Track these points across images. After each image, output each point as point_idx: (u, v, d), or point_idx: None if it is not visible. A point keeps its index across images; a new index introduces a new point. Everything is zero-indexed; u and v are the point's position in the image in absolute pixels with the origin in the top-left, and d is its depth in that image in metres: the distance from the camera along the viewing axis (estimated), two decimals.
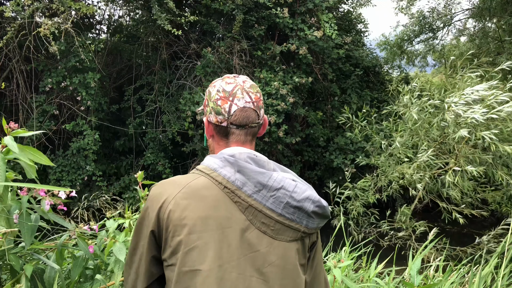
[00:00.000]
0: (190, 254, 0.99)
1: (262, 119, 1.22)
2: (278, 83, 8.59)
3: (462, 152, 5.02)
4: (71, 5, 7.43)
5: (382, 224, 6.09)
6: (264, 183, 1.04)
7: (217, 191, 1.05)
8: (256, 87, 1.21)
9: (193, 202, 1.03)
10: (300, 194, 1.06)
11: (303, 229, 1.07)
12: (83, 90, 8.39)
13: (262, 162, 1.12)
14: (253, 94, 1.18)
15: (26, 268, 1.54)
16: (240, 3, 8.47)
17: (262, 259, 1.01)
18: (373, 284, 2.75)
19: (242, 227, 1.02)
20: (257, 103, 1.18)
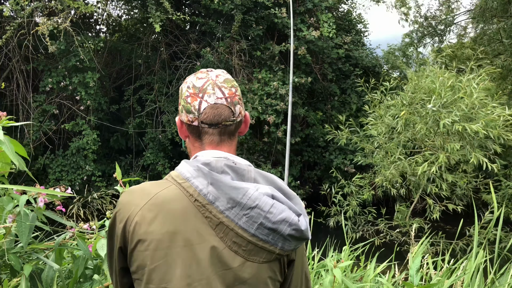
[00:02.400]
0: (156, 271, 0.94)
1: (240, 115, 1.10)
2: (277, 83, 8.60)
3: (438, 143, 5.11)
4: (70, 4, 7.44)
5: (380, 222, 6.12)
6: (237, 200, 0.95)
7: (188, 204, 0.97)
8: (231, 82, 1.09)
9: (160, 215, 0.96)
10: (276, 215, 0.95)
11: (278, 251, 0.98)
12: (83, 89, 8.40)
13: (241, 171, 1.02)
14: (227, 89, 1.07)
15: (25, 268, 1.55)
16: (239, 3, 8.47)
17: (233, 277, 0.95)
18: (373, 284, 2.75)
19: (213, 244, 0.94)
20: (231, 98, 1.07)
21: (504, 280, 2.51)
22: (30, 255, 1.73)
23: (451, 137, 5.08)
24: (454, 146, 4.74)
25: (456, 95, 4.89)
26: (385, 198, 8.50)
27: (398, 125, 5.34)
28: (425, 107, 4.95)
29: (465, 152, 4.91)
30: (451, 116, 4.66)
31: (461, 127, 4.55)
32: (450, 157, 4.87)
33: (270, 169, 8.84)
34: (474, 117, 4.92)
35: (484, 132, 4.56)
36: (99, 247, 1.59)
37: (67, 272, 1.89)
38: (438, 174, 5.06)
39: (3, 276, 1.73)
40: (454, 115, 4.66)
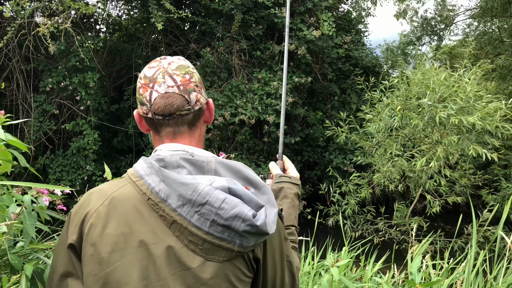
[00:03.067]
0: (113, 275, 0.89)
1: (198, 103, 1.02)
2: (277, 83, 8.60)
3: (436, 138, 5.12)
4: (71, 4, 7.44)
5: (379, 221, 6.14)
6: (187, 197, 0.88)
7: (142, 203, 0.92)
8: (184, 68, 1.02)
9: (115, 216, 0.92)
10: (227, 211, 0.87)
11: (237, 249, 0.90)
12: (83, 89, 8.40)
13: (200, 163, 0.95)
14: (179, 76, 1.00)
15: (26, 268, 1.55)
16: (239, 3, 8.48)
17: (193, 278, 0.89)
18: (372, 284, 2.76)
19: (169, 244, 0.89)
20: (184, 86, 1.00)
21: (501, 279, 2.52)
22: (30, 255, 1.73)
23: (449, 131, 5.09)
24: (451, 139, 4.74)
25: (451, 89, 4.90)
26: (385, 198, 8.51)
27: (395, 122, 5.34)
28: (421, 102, 4.96)
29: (463, 145, 4.91)
30: (447, 110, 4.66)
31: (457, 120, 4.55)
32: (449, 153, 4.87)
33: None
34: (470, 111, 4.92)
35: (481, 124, 4.55)
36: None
37: None
38: (436, 169, 5.07)
39: (3, 276, 1.74)
40: (449, 108, 4.67)
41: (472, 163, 5.84)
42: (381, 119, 5.68)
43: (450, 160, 5.12)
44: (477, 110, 4.74)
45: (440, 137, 5.06)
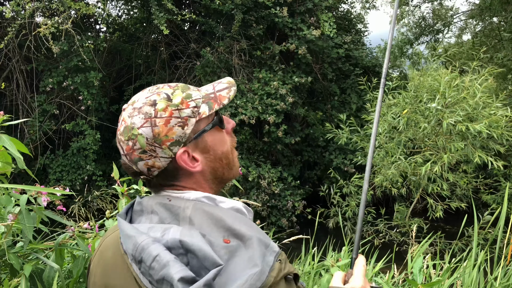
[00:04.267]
0: None
1: (155, 169, 0.86)
2: (278, 83, 8.60)
3: (440, 143, 5.12)
4: (71, 5, 7.45)
5: (379, 222, 6.13)
6: (129, 252, 0.77)
7: (118, 252, 0.84)
8: (129, 131, 0.84)
9: (101, 265, 0.88)
10: (157, 271, 0.72)
11: None
12: (85, 89, 8.40)
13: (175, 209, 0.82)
14: (124, 144, 0.86)
15: (25, 268, 1.55)
16: (239, 2, 8.47)
17: None
18: (373, 284, 2.75)
19: None
20: (129, 156, 0.86)
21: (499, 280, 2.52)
22: (29, 255, 1.73)
23: (454, 137, 5.08)
24: (458, 146, 4.75)
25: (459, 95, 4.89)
26: (385, 199, 8.51)
27: (400, 124, 5.33)
28: (428, 106, 4.94)
29: (467, 152, 4.92)
30: (454, 116, 4.66)
31: (464, 127, 4.56)
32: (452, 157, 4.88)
33: (270, 169, 8.84)
34: (476, 117, 4.93)
35: (487, 131, 4.57)
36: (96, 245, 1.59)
37: (67, 272, 1.90)
38: (438, 173, 5.07)
39: (2, 276, 1.73)
40: (457, 115, 4.67)
41: (475, 165, 5.84)
42: (385, 120, 5.68)
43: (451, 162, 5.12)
44: (484, 118, 4.75)
45: (445, 142, 5.06)
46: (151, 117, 0.84)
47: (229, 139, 0.95)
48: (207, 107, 0.88)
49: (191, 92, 0.89)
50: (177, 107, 0.85)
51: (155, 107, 0.84)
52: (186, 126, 0.85)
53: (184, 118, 0.85)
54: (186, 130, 0.85)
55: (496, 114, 4.78)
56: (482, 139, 5.01)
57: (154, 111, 0.84)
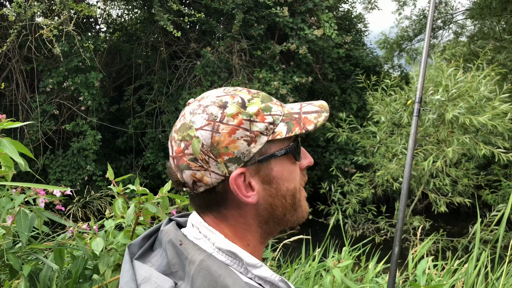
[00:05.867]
0: None
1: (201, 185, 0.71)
2: (278, 83, 8.59)
3: (441, 137, 5.10)
4: (73, 6, 7.44)
5: (380, 220, 6.13)
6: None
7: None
8: (185, 130, 0.71)
9: None
10: None
11: None
12: (85, 90, 8.39)
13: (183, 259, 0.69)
14: (176, 144, 0.72)
15: (24, 268, 1.54)
16: (240, 2, 8.47)
17: None
18: (373, 284, 2.74)
19: None
20: (177, 160, 0.72)
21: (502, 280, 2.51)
22: (29, 255, 1.72)
23: (456, 131, 5.07)
24: (462, 139, 4.72)
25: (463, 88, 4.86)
26: (385, 197, 8.51)
27: (404, 116, 5.30)
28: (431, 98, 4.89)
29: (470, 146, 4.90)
30: (456, 109, 4.64)
31: (468, 119, 4.53)
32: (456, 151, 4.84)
33: None
34: (479, 111, 4.91)
35: (492, 123, 4.54)
36: (94, 245, 1.58)
37: (66, 273, 1.89)
38: (440, 168, 5.05)
39: (2, 277, 1.73)
40: (459, 107, 4.64)
41: (474, 163, 5.83)
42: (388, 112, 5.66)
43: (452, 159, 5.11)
44: (486, 112, 4.73)
45: (447, 135, 5.04)
46: (215, 120, 0.69)
47: (300, 177, 0.78)
48: (285, 127, 0.72)
49: (272, 105, 0.74)
50: (249, 117, 0.70)
51: (223, 110, 0.70)
52: (254, 144, 0.70)
53: (254, 132, 0.70)
54: (252, 148, 0.70)
55: (500, 107, 4.74)
56: (484, 133, 4.99)
57: (221, 115, 0.70)
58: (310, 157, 0.80)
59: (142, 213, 1.63)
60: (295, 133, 0.71)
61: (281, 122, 0.72)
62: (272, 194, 0.74)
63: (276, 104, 0.75)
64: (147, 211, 1.61)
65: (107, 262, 1.58)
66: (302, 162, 0.78)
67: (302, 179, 0.79)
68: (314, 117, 0.74)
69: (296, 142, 0.75)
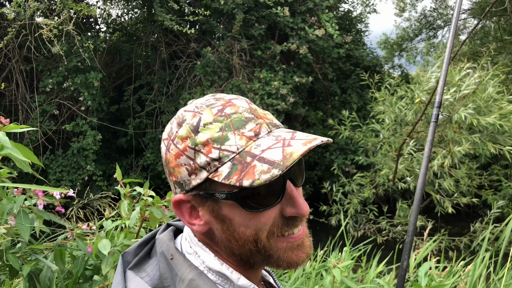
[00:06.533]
0: None
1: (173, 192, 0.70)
2: (278, 83, 8.58)
3: (450, 137, 5.08)
4: (73, 6, 7.43)
5: (381, 220, 6.12)
6: None
7: None
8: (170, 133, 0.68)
9: None
10: None
11: None
12: (85, 90, 8.38)
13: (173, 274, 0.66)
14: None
15: (24, 268, 1.54)
16: (240, 2, 8.46)
17: None
18: (374, 284, 2.74)
19: None
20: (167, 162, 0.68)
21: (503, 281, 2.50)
22: (29, 256, 1.72)
23: (464, 131, 5.05)
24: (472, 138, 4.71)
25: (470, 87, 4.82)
26: (386, 197, 8.50)
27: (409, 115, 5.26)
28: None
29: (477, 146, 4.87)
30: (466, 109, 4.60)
31: (476, 120, 4.51)
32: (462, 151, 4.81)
33: None
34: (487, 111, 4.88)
35: (500, 123, 4.52)
36: (101, 247, 1.57)
37: (66, 273, 1.88)
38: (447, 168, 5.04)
39: (2, 277, 1.72)
40: (468, 107, 4.62)
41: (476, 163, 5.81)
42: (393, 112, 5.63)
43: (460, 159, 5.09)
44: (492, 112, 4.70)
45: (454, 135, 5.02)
46: (171, 137, 0.66)
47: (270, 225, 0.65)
48: (227, 170, 0.61)
49: (231, 137, 0.62)
50: (195, 146, 0.62)
51: (178, 128, 0.65)
52: (194, 176, 0.63)
53: (195, 164, 0.63)
54: (192, 180, 0.64)
55: (506, 108, 4.72)
56: (491, 133, 4.97)
57: (174, 134, 0.65)
58: (300, 206, 0.66)
59: (149, 217, 1.62)
60: (229, 183, 0.60)
61: (228, 162, 0.61)
62: (225, 232, 0.66)
63: (242, 135, 0.63)
64: (153, 215, 1.60)
65: (110, 263, 1.58)
66: (286, 210, 0.66)
67: (276, 228, 0.66)
68: (260, 171, 0.60)
69: (249, 189, 0.61)
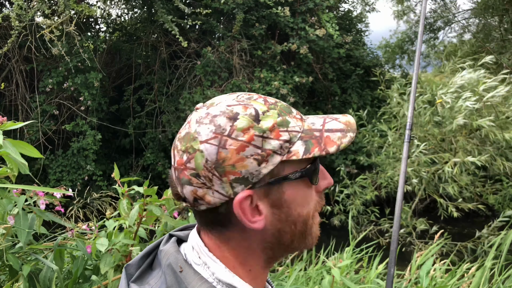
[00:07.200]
0: None
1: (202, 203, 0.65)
2: (279, 83, 8.58)
3: (460, 144, 5.03)
4: (74, 7, 7.43)
5: (383, 222, 6.11)
6: None
7: None
8: (189, 141, 0.64)
9: None
10: None
11: None
12: (85, 90, 8.38)
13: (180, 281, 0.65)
14: (178, 154, 0.65)
15: (24, 268, 1.53)
16: (240, 2, 8.46)
17: None
18: (374, 285, 2.73)
19: None
20: (178, 171, 0.66)
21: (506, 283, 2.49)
22: (29, 256, 1.71)
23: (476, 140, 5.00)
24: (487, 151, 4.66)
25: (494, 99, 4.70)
26: (388, 198, 8.50)
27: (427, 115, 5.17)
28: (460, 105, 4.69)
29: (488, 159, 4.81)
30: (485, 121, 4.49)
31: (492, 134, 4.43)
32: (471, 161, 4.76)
33: None
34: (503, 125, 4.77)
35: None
36: (98, 245, 1.57)
37: (66, 273, 1.88)
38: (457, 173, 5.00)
39: (2, 277, 1.72)
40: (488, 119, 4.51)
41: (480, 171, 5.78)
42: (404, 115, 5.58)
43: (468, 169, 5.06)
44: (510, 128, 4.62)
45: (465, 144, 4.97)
46: (223, 134, 0.62)
47: (316, 201, 0.70)
48: (303, 147, 0.64)
49: (290, 120, 0.65)
50: (262, 133, 0.62)
51: (233, 122, 0.62)
52: (265, 163, 0.62)
53: (266, 151, 0.62)
54: (263, 169, 0.62)
55: None
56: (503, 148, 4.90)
57: (230, 128, 0.62)
58: (329, 177, 0.72)
59: (146, 215, 1.61)
60: (313, 155, 0.63)
61: (298, 140, 0.64)
62: (281, 219, 0.66)
63: (295, 117, 0.67)
64: (151, 213, 1.60)
65: (109, 263, 1.57)
66: (320, 184, 0.70)
67: (318, 204, 0.71)
68: (337, 137, 0.65)
69: (314, 163, 0.67)
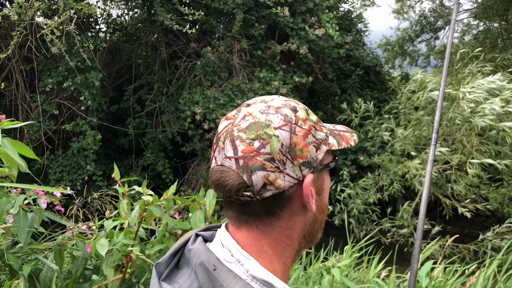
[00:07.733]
0: None
1: (270, 188, 0.65)
2: (278, 83, 8.58)
3: (474, 144, 5.04)
4: (74, 6, 7.42)
5: (384, 222, 6.11)
6: None
7: None
8: (261, 129, 0.66)
9: None
10: None
11: None
12: (85, 90, 8.38)
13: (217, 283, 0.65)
14: (243, 143, 0.66)
15: (24, 268, 1.53)
16: (240, 2, 8.46)
17: None
18: (374, 284, 2.73)
19: None
20: (246, 160, 0.65)
21: None
22: (29, 255, 1.71)
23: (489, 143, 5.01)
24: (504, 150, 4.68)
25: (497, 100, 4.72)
26: (389, 196, 8.50)
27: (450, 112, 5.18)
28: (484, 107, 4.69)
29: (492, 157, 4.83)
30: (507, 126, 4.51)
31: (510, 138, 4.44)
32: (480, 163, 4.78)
33: None
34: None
35: None
36: (99, 247, 1.57)
37: (66, 273, 1.88)
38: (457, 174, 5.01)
39: (2, 277, 1.72)
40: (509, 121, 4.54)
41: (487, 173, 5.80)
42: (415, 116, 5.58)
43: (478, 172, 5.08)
44: None
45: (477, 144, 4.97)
46: (292, 122, 0.68)
47: None
48: (335, 140, 0.74)
49: None
50: (314, 125, 0.71)
51: (296, 113, 0.69)
52: (319, 151, 0.69)
53: (318, 140, 0.70)
54: (318, 155, 0.69)
55: None
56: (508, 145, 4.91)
57: (295, 118, 0.68)
58: None
59: (146, 215, 1.62)
60: (343, 146, 0.74)
61: (330, 135, 0.74)
62: (318, 206, 0.72)
63: None
64: (151, 213, 1.60)
65: (110, 263, 1.57)
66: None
67: None
68: (350, 135, 0.77)
69: (336, 160, 0.76)
